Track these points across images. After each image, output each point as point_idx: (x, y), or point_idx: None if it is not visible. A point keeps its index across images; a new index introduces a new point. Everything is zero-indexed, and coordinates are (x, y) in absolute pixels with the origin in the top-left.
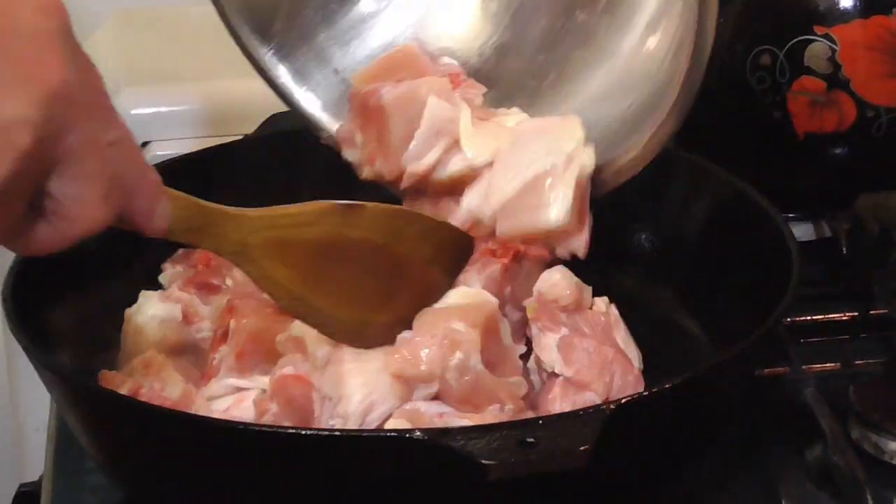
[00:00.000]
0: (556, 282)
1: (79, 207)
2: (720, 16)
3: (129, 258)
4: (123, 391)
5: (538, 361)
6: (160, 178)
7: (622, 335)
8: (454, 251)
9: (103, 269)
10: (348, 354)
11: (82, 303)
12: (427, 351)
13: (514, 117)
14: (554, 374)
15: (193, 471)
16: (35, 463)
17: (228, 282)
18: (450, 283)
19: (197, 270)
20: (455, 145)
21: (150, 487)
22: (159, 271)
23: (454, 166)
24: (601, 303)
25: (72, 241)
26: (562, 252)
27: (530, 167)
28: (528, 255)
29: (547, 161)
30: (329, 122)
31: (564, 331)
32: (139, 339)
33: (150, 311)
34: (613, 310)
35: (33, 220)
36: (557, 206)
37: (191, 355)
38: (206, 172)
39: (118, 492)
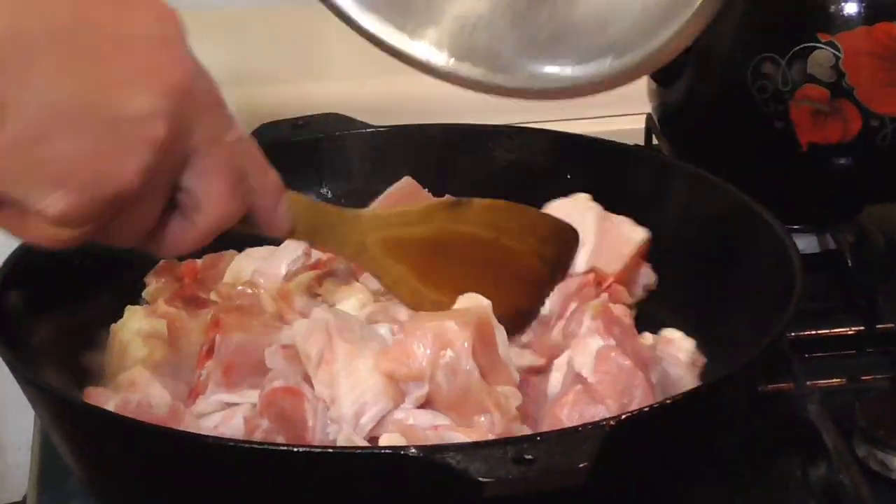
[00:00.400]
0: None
1: (211, 200)
2: (719, 23)
3: (115, 272)
4: (110, 407)
5: (570, 361)
6: (281, 179)
7: (657, 373)
8: (559, 243)
9: (89, 283)
10: (341, 354)
11: (67, 317)
12: (417, 347)
13: None
14: (577, 379)
15: (183, 489)
16: (17, 483)
17: (213, 296)
18: (556, 277)
19: (182, 284)
20: None
21: None
22: (142, 284)
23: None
24: (649, 336)
25: (206, 236)
26: None
27: None
28: (612, 293)
29: None
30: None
31: (611, 341)
32: (124, 355)
33: (135, 327)
34: (662, 348)
35: (170, 218)
36: None
37: (178, 371)
38: None
39: None
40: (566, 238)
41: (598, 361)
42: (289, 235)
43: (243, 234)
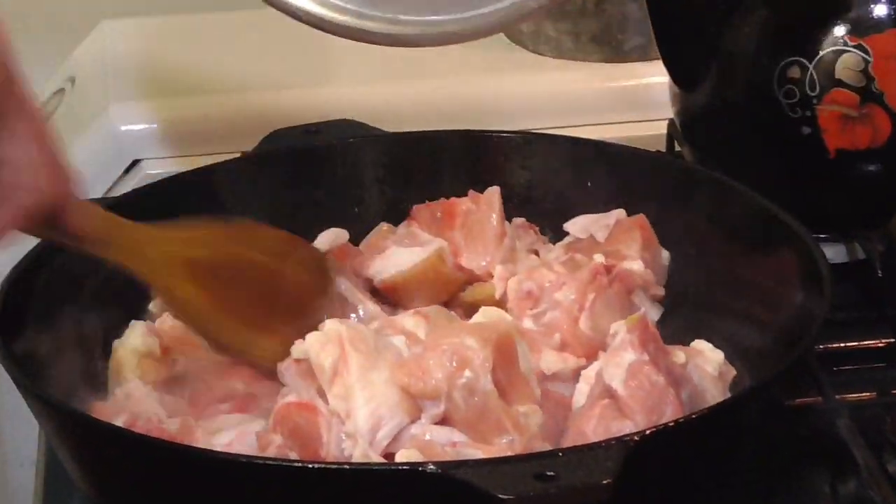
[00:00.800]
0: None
1: (30, 171)
2: (744, 25)
3: (122, 283)
4: (118, 423)
5: (599, 373)
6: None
7: (687, 391)
8: (316, 272)
9: (96, 294)
10: (355, 365)
11: (74, 330)
12: (434, 364)
13: None
14: (605, 392)
15: None
16: (20, 501)
17: None
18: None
19: None
20: None
21: None
22: (149, 295)
23: None
24: (681, 355)
25: (17, 220)
26: None
27: None
28: (621, 277)
29: None
30: None
31: (644, 356)
32: (121, 373)
33: (132, 345)
34: (691, 362)
35: None
36: None
37: (178, 388)
38: (202, 193)
39: None
40: (322, 267)
41: (630, 375)
42: (77, 242)
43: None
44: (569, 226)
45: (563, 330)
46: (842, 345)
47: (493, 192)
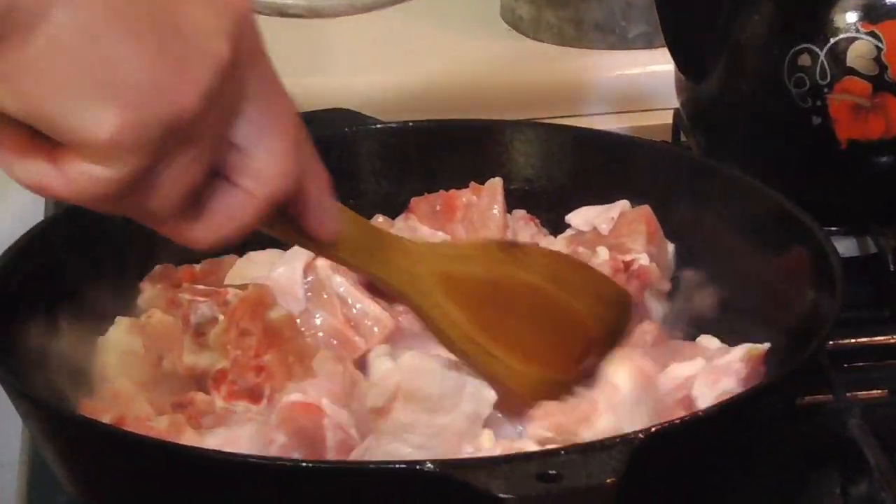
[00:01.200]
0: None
1: (269, 158)
2: (753, 12)
3: (110, 277)
4: (105, 420)
5: (690, 380)
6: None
7: None
8: (617, 308)
9: (83, 289)
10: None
11: (60, 325)
12: None
13: None
14: (686, 402)
15: None
16: (3, 502)
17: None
18: (610, 344)
19: (180, 289)
20: None
21: None
22: (136, 289)
23: None
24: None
25: (258, 209)
26: None
27: None
28: (639, 274)
29: None
30: None
31: (738, 390)
32: (105, 371)
33: (115, 343)
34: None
35: (213, 190)
36: None
37: (164, 386)
38: None
39: None
40: (623, 304)
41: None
42: (329, 249)
43: (273, 235)
44: (571, 218)
45: None
46: (853, 341)
47: (496, 183)
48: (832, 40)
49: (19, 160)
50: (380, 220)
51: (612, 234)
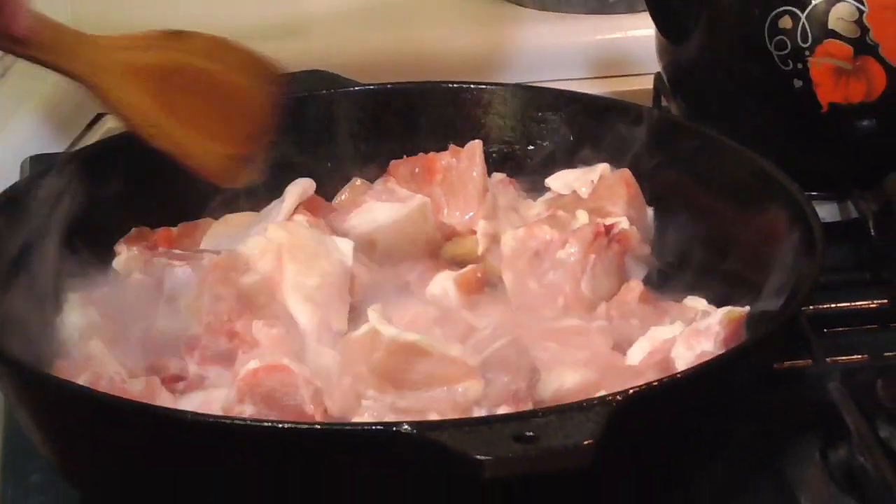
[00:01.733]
0: None
1: None
2: None
3: (83, 239)
4: (80, 381)
5: (667, 343)
6: None
7: None
8: (270, 77)
9: (55, 250)
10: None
11: (32, 287)
12: None
13: None
14: (663, 363)
15: (160, 470)
16: None
17: None
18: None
19: (156, 253)
20: None
21: (111, 488)
22: (111, 252)
23: None
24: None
25: None
26: None
27: None
28: (619, 238)
29: None
30: None
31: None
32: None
33: (72, 321)
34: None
35: None
36: None
37: (133, 350)
38: None
39: (72, 493)
40: (273, 72)
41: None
42: (22, 47)
43: None
44: (551, 181)
45: (566, 293)
46: (833, 306)
47: (475, 146)
48: (813, 2)
49: None
50: (357, 182)
51: (591, 198)
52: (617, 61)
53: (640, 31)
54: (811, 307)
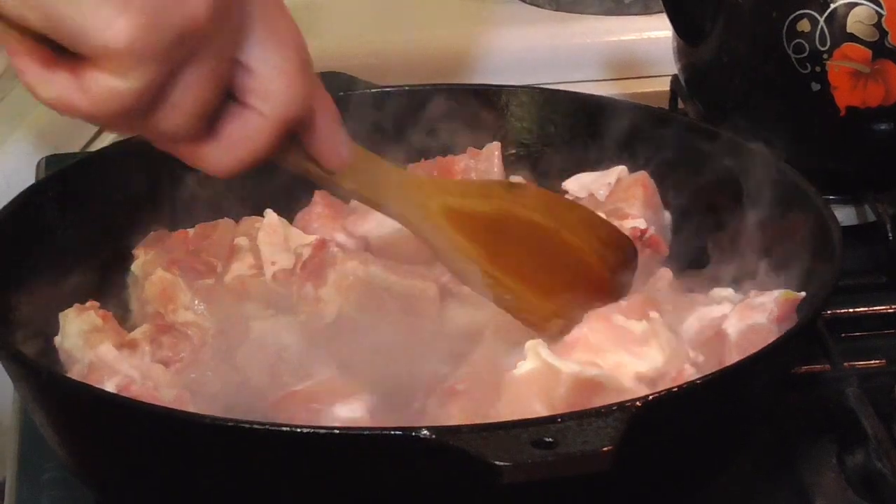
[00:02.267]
0: None
1: (278, 77)
2: None
3: (100, 243)
4: (110, 388)
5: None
6: None
7: None
8: (619, 252)
9: (73, 255)
10: None
11: (50, 291)
12: None
13: None
14: (713, 333)
15: (180, 472)
16: None
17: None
18: (615, 290)
19: (175, 255)
20: None
21: (132, 493)
22: (129, 256)
23: None
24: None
25: (271, 130)
26: None
27: None
28: (650, 244)
29: None
30: None
31: (771, 328)
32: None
33: (74, 330)
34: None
35: (226, 113)
36: None
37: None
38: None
39: (86, 490)
40: (626, 249)
41: (748, 333)
42: (339, 179)
43: (286, 167)
44: (568, 184)
45: None
46: (851, 311)
47: (494, 148)
48: (832, 6)
49: (43, 76)
50: None
51: (608, 200)
52: (633, 63)
53: (657, 32)
54: (829, 312)
